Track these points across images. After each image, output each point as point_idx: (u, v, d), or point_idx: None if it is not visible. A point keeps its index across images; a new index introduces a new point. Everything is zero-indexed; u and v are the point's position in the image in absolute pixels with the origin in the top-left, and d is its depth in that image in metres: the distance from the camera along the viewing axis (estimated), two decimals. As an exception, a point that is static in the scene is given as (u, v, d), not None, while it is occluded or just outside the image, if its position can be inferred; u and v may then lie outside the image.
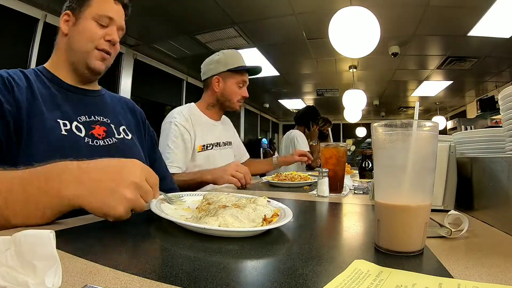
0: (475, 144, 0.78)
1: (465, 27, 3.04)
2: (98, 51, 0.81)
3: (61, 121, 0.73)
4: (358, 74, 4.83)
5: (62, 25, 0.81)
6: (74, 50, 0.80)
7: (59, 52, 0.82)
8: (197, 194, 0.71)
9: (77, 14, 0.80)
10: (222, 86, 1.51)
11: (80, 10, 0.80)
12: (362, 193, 1.01)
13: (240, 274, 0.31)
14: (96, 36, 0.80)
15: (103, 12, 0.80)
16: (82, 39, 0.79)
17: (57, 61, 0.82)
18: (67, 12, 0.81)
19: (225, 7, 2.82)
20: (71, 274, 0.29)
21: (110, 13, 0.81)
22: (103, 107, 0.87)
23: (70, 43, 0.81)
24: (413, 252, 0.39)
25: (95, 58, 0.81)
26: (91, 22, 0.80)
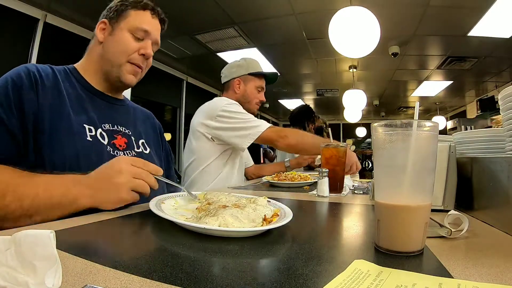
0: (475, 144, 0.78)
1: (465, 27, 3.04)
2: (130, 65, 0.81)
3: (87, 126, 0.73)
4: (358, 74, 4.83)
5: (98, 33, 0.81)
6: (107, 59, 0.80)
7: (92, 58, 0.83)
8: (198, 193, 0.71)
9: (113, 24, 0.80)
10: (243, 88, 1.62)
11: (117, 20, 0.80)
12: (362, 193, 1.01)
13: (240, 274, 0.31)
14: (130, 49, 0.80)
15: (139, 25, 0.80)
16: (116, 50, 0.79)
17: (88, 66, 0.82)
18: (104, 20, 0.81)
19: (225, 7, 2.82)
20: (71, 274, 0.29)
21: (146, 26, 0.81)
22: (126, 118, 0.87)
23: (104, 52, 0.80)
24: (413, 252, 0.39)
25: (126, 71, 0.81)
26: (127, 34, 0.79)
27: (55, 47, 2.84)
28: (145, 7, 0.82)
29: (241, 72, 1.62)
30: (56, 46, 2.86)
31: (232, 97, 1.60)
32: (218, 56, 4.01)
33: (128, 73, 0.81)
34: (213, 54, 3.94)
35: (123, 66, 0.80)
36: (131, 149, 0.82)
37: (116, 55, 0.79)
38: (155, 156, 0.92)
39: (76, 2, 2.64)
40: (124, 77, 0.81)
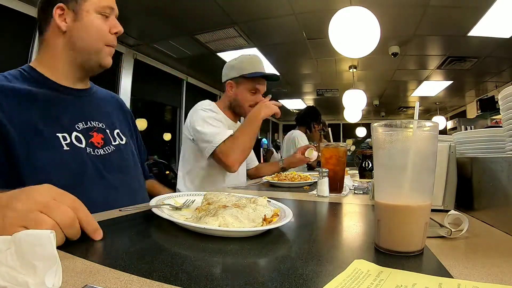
0: (475, 144, 0.78)
1: (465, 27, 3.04)
2: (108, 47, 0.77)
3: (60, 135, 0.69)
4: (358, 74, 4.82)
5: (58, 21, 0.71)
6: (80, 48, 0.73)
7: (54, 51, 0.74)
8: (198, 194, 0.71)
9: (74, 8, 0.71)
10: (235, 92, 1.52)
11: (77, 2, 0.72)
12: (362, 193, 1.01)
13: (240, 274, 0.31)
14: (104, 30, 0.74)
15: (105, 3, 0.74)
16: (90, 36, 0.73)
17: (49, 61, 0.74)
18: (60, 5, 0.71)
19: (225, 7, 2.82)
20: (71, 274, 0.29)
21: (110, 3, 0.75)
22: (97, 110, 0.83)
23: (73, 41, 0.73)
24: (413, 252, 0.39)
25: (106, 55, 0.77)
26: (96, 16, 0.73)
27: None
28: None
29: (233, 74, 1.51)
30: None
31: (226, 99, 1.56)
32: (218, 56, 4.01)
33: (107, 55, 0.77)
34: (213, 54, 3.94)
35: (102, 51, 0.75)
36: (109, 144, 0.80)
37: (92, 41, 0.73)
38: (131, 142, 0.89)
39: (76, 2, 2.64)
40: (104, 61, 0.77)
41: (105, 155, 0.77)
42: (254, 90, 1.51)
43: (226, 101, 1.56)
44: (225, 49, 3.81)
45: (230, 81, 1.52)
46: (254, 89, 1.51)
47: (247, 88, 1.50)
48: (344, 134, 9.04)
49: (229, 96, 1.53)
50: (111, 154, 0.79)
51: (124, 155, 0.83)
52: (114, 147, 0.81)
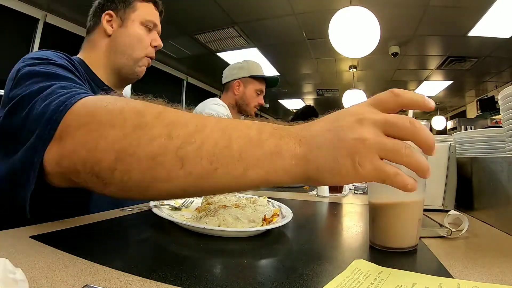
0: (475, 144, 0.78)
1: (465, 27, 3.04)
2: (146, 58, 0.81)
3: None
4: (358, 74, 4.82)
5: (105, 25, 0.78)
6: (120, 53, 0.78)
7: (99, 51, 0.79)
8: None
9: (121, 16, 0.78)
10: (242, 90, 1.61)
11: (125, 12, 0.78)
12: (362, 193, 1.01)
13: (240, 274, 0.31)
14: (145, 40, 0.79)
15: (150, 18, 0.80)
16: (132, 43, 0.78)
17: (95, 59, 0.78)
18: (110, 12, 0.78)
19: (225, 7, 2.82)
20: (71, 274, 0.29)
21: (154, 19, 0.81)
22: None
23: (116, 45, 0.78)
24: (407, 248, 0.39)
25: (143, 64, 0.81)
26: (140, 27, 0.79)
27: (55, 47, 2.80)
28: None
29: (242, 74, 1.62)
30: (56, 46, 2.82)
31: (231, 98, 1.62)
32: (218, 56, 4.01)
33: (143, 65, 0.81)
34: (213, 54, 3.94)
35: (141, 60, 0.80)
36: None
37: (133, 49, 0.78)
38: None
39: (76, 2, 2.64)
40: (139, 70, 0.81)
41: None
42: (260, 91, 1.63)
43: (231, 100, 1.62)
44: (225, 49, 3.81)
45: (238, 80, 1.61)
46: (260, 90, 1.63)
47: (254, 88, 1.61)
48: (344, 134, 9.03)
49: (235, 95, 1.61)
50: None
51: None
52: None
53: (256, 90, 1.62)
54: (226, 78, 1.67)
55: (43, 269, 0.30)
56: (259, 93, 1.64)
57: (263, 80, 1.64)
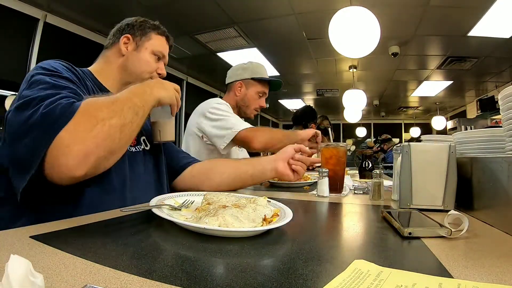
0: (475, 144, 0.78)
1: (465, 27, 3.04)
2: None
3: None
4: (358, 74, 4.82)
5: (122, 46, 0.89)
6: (129, 72, 0.89)
7: (111, 66, 0.89)
8: (198, 194, 0.71)
9: (137, 41, 0.90)
10: (244, 92, 1.60)
11: (141, 39, 0.90)
12: (362, 193, 1.01)
13: (240, 274, 0.31)
14: (153, 68, 0.91)
15: (161, 49, 0.92)
16: (140, 66, 0.89)
17: (105, 72, 0.88)
18: (128, 36, 0.89)
19: (225, 7, 2.82)
20: (71, 274, 0.29)
21: (164, 51, 0.94)
22: None
23: (127, 65, 0.89)
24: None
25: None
26: (151, 55, 0.90)
27: (55, 47, 2.84)
28: (163, 33, 0.94)
29: (245, 75, 1.61)
30: (56, 46, 2.86)
31: (232, 99, 1.62)
32: (218, 56, 4.01)
33: None
34: (213, 54, 3.94)
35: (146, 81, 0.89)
36: (138, 145, 0.88)
37: (141, 71, 0.89)
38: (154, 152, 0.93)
39: (76, 2, 2.64)
40: None
41: (134, 153, 0.84)
42: (261, 93, 1.62)
43: (232, 101, 1.61)
44: (225, 49, 3.81)
45: (241, 81, 1.60)
46: (262, 92, 1.62)
47: (256, 90, 1.61)
48: (344, 134, 9.05)
49: (236, 96, 1.61)
50: (137, 154, 0.86)
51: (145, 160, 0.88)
52: (140, 150, 0.88)
53: (257, 92, 1.61)
54: (229, 78, 1.67)
55: (43, 269, 0.30)
56: (261, 95, 1.63)
57: (266, 82, 1.62)
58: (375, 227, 0.56)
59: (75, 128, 0.53)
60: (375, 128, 8.96)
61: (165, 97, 0.74)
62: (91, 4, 2.68)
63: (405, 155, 0.71)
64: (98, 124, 0.55)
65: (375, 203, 0.81)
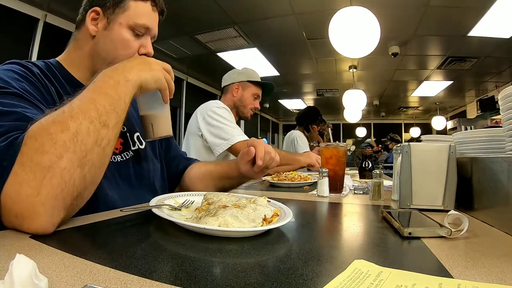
0: (475, 144, 0.78)
1: (465, 27, 3.04)
2: None
3: None
4: (358, 74, 4.83)
5: (89, 24, 0.68)
6: (102, 58, 0.70)
7: (81, 52, 0.71)
8: (198, 194, 0.71)
9: (109, 16, 0.68)
10: (241, 93, 1.71)
11: (114, 11, 0.68)
12: (362, 193, 1.01)
13: (240, 274, 0.31)
14: (131, 48, 0.70)
15: (141, 21, 0.70)
16: (114, 48, 0.69)
17: (75, 59, 0.72)
18: (96, 9, 0.68)
19: (225, 7, 2.82)
20: (71, 274, 0.29)
21: (148, 22, 0.71)
22: None
23: (99, 49, 0.70)
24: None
25: None
26: (126, 31, 0.69)
27: (55, 47, 2.82)
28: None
29: (241, 78, 1.72)
30: (56, 46, 2.84)
31: (229, 100, 1.71)
32: (218, 56, 4.01)
33: None
34: (213, 54, 3.94)
35: None
36: (128, 150, 0.77)
37: (115, 55, 0.69)
38: (150, 150, 0.86)
39: (76, 2, 2.63)
40: None
41: (123, 161, 0.74)
42: (256, 95, 1.75)
43: (229, 102, 1.72)
44: (225, 49, 3.81)
45: (238, 83, 1.72)
46: (257, 95, 1.75)
47: (252, 92, 1.73)
48: (344, 134, 9.05)
49: (234, 97, 1.72)
50: (129, 160, 0.76)
51: (141, 162, 0.80)
52: (133, 153, 0.78)
53: (253, 94, 1.72)
54: (225, 81, 1.77)
55: (43, 269, 0.30)
56: (256, 98, 1.74)
57: (260, 86, 1.75)
58: (375, 227, 0.56)
59: (19, 186, 0.41)
60: (375, 128, 8.97)
61: (150, 80, 0.58)
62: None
63: (405, 155, 0.71)
64: (45, 175, 0.41)
65: (375, 203, 0.81)
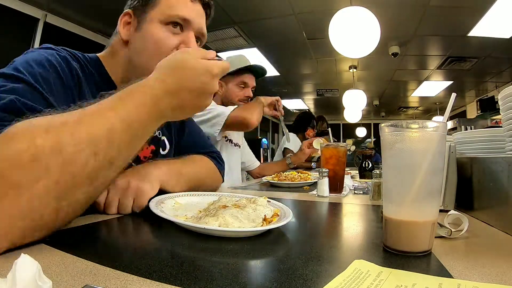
0: (475, 144, 0.78)
1: (465, 27, 3.04)
2: None
3: None
4: (358, 74, 4.83)
5: (121, 29, 0.62)
6: (137, 67, 0.61)
7: (115, 57, 0.65)
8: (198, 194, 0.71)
9: (139, 16, 0.61)
10: (225, 89, 1.61)
11: (144, 10, 0.61)
12: (362, 193, 1.01)
13: (240, 274, 0.31)
14: (167, 45, 0.60)
15: (174, 12, 0.60)
16: (146, 50, 0.60)
17: (112, 64, 0.65)
18: (128, 11, 0.62)
19: (225, 7, 2.82)
20: (71, 274, 0.29)
21: (184, 13, 0.61)
22: None
23: (133, 55, 0.62)
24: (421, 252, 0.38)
25: None
26: (159, 27, 0.60)
27: (55, 47, 2.84)
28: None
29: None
30: (56, 46, 2.86)
31: (217, 99, 1.64)
32: (218, 56, 4.01)
33: None
34: (213, 54, 3.93)
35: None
36: (156, 156, 0.71)
37: (148, 56, 0.60)
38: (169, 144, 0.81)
39: (76, 2, 2.64)
40: None
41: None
42: (242, 84, 1.60)
43: (217, 101, 1.63)
44: (225, 49, 3.81)
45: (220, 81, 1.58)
46: (241, 83, 1.60)
47: (234, 83, 1.60)
48: (344, 134, 9.05)
49: (219, 95, 1.62)
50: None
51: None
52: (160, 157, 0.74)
53: (237, 85, 1.59)
54: None
55: (43, 269, 0.29)
56: (243, 86, 1.60)
57: (244, 72, 1.58)
58: (375, 227, 0.56)
59: None
60: (375, 128, 8.97)
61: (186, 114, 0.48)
62: (91, 4, 2.68)
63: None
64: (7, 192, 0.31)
65: (375, 203, 0.81)
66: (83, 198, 0.38)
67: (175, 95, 0.45)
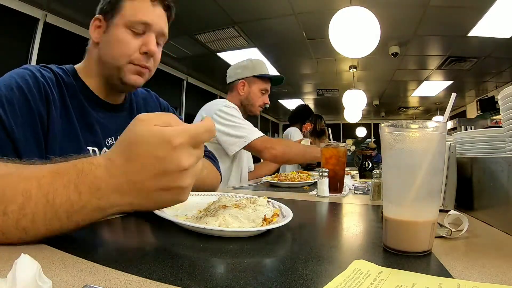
0: (475, 144, 0.78)
1: (465, 27, 3.04)
2: (133, 66, 0.70)
3: (90, 149, 0.69)
4: (358, 74, 4.82)
5: (92, 32, 0.70)
6: (105, 62, 0.70)
7: (90, 61, 0.73)
8: (198, 194, 0.71)
9: (108, 20, 0.69)
10: (247, 90, 1.59)
11: (112, 14, 0.69)
12: (362, 193, 1.01)
13: (240, 274, 0.31)
14: (129, 48, 0.68)
15: (137, 18, 0.68)
16: (113, 51, 0.69)
17: (87, 69, 0.74)
18: (98, 16, 0.70)
19: (225, 7, 2.82)
20: (71, 274, 0.29)
21: (145, 18, 0.69)
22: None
23: (101, 54, 0.70)
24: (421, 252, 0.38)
25: (129, 72, 0.71)
26: (123, 31, 0.68)
27: (55, 47, 2.84)
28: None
29: (246, 73, 1.59)
30: (56, 46, 2.86)
31: (236, 99, 1.60)
32: (218, 56, 4.01)
33: (131, 73, 0.71)
34: (213, 54, 3.94)
35: (124, 67, 0.71)
36: None
37: (115, 57, 0.69)
38: None
39: (76, 2, 2.64)
40: (126, 78, 0.71)
41: None
42: (264, 90, 1.61)
43: (236, 101, 1.60)
44: (225, 49, 3.81)
45: (243, 80, 1.59)
46: (264, 90, 1.61)
47: (259, 87, 1.60)
48: (344, 134, 9.04)
49: (240, 95, 1.59)
50: None
51: None
52: None
53: (260, 90, 1.60)
54: (230, 77, 1.65)
55: (43, 269, 0.29)
56: (264, 93, 1.61)
57: (267, 79, 1.61)
58: (375, 227, 0.56)
59: None
60: (375, 128, 8.97)
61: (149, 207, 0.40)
62: (91, 4, 2.67)
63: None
64: None
65: (375, 203, 0.81)
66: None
67: (119, 178, 0.36)
